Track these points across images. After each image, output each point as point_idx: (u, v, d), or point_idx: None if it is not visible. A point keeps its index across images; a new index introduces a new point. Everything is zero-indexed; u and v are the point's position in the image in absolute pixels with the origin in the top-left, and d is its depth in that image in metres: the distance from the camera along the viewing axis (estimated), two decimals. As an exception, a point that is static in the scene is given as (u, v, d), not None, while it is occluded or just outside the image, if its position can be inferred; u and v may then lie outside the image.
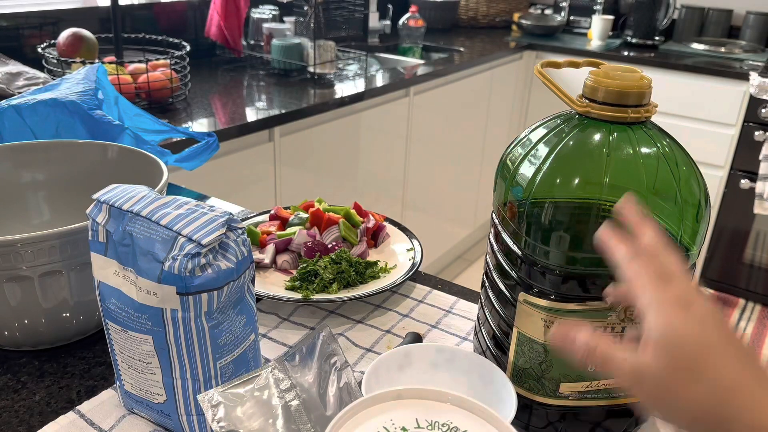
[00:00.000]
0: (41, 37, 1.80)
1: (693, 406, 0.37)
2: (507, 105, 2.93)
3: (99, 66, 0.96)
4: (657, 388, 0.37)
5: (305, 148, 1.84)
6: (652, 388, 0.38)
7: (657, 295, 0.39)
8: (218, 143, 0.98)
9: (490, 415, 0.44)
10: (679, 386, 0.37)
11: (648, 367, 0.38)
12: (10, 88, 1.22)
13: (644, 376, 0.38)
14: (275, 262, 0.84)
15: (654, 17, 2.87)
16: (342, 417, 0.43)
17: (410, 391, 0.46)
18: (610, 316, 0.52)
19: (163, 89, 1.64)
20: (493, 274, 0.60)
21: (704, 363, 0.36)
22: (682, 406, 0.37)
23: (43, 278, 0.62)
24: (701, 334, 0.37)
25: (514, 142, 0.58)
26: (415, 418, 0.44)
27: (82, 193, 0.79)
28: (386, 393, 0.45)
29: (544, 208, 0.52)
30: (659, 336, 0.38)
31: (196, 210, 0.52)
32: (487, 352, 0.62)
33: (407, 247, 0.89)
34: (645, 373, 0.38)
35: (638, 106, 0.52)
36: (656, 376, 0.37)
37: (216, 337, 0.52)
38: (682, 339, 0.37)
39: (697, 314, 0.38)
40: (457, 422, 0.44)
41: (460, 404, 0.45)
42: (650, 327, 0.38)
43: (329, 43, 2.09)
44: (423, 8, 3.00)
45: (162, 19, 2.11)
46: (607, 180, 0.51)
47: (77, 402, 0.62)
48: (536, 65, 0.58)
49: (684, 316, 0.38)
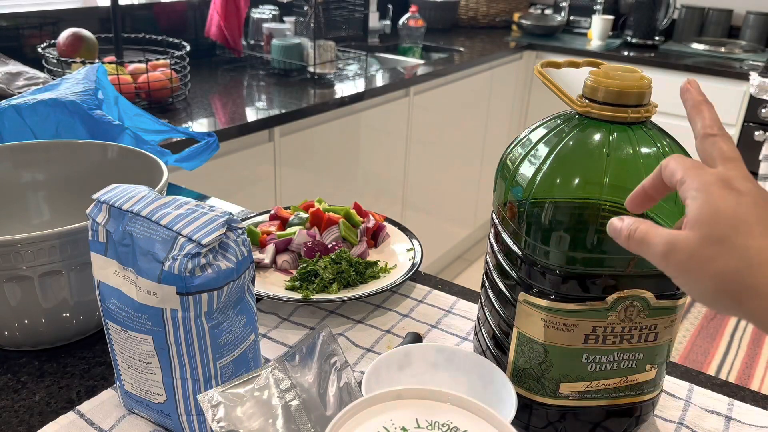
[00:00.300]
0: (41, 37, 1.80)
1: (718, 277, 0.37)
2: (507, 105, 2.93)
3: (99, 66, 0.96)
4: (688, 258, 0.39)
5: (305, 148, 1.84)
6: (683, 259, 0.39)
7: (701, 177, 0.40)
8: (218, 143, 0.98)
9: (490, 415, 0.44)
10: (709, 257, 0.38)
11: (682, 238, 0.39)
12: (10, 88, 1.22)
13: (677, 247, 0.39)
14: (275, 262, 0.84)
15: (654, 17, 2.87)
16: (342, 417, 0.43)
17: (410, 391, 0.46)
18: (610, 316, 0.52)
19: (163, 89, 1.64)
20: (493, 274, 0.60)
21: (735, 236, 0.37)
22: (708, 277, 0.38)
23: (43, 278, 0.62)
24: (736, 209, 0.38)
25: (514, 142, 0.58)
26: (415, 418, 0.44)
27: (82, 193, 0.79)
28: (386, 393, 0.45)
29: (544, 208, 0.52)
30: (697, 211, 0.39)
31: (196, 210, 0.52)
32: (487, 352, 0.62)
33: (407, 247, 0.89)
34: (678, 243, 0.39)
35: (638, 106, 0.52)
36: (689, 246, 0.39)
37: (216, 337, 0.52)
38: (717, 214, 0.38)
39: (737, 192, 0.39)
40: (457, 422, 0.44)
41: (460, 404, 0.45)
42: (689, 205, 0.40)
43: (329, 43, 2.09)
44: (423, 8, 3.01)
45: (162, 19, 2.11)
46: (607, 180, 0.51)
47: (77, 402, 0.62)
48: (536, 65, 0.58)
49: (723, 193, 0.39)
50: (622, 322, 0.53)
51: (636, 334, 0.54)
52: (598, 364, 0.55)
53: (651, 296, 0.52)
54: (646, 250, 0.41)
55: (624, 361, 0.55)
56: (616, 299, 0.52)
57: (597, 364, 0.55)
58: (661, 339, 0.55)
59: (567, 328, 0.53)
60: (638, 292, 0.52)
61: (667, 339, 0.55)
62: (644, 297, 0.52)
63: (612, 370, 0.55)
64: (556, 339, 0.54)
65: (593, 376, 0.55)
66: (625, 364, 0.55)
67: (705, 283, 0.38)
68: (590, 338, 0.53)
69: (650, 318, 0.53)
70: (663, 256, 0.40)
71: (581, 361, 0.54)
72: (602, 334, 0.53)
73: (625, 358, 0.55)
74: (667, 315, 0.54)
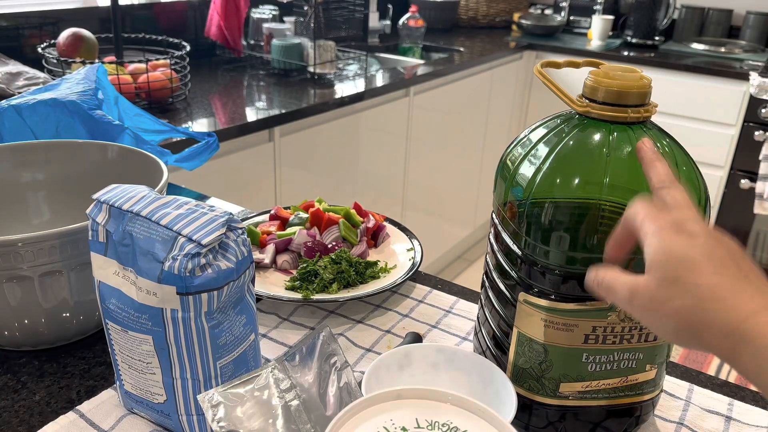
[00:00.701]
0: (41, 37, 1.80)
1: (676, 315, 0.40)
2: (507, 105, 2.93)
3: (99, 66, 0.96)
4: (648, 301, 0.42)
5: (305, 148, 1.84)
6: (644, 302, 0.42)
7: (656, 222, 0.43)
8: (218, 143, 0.98)
9: (491, 415, 0.44)
10: (666, 298, 0.41)
11: (642, 283, 0.42)
12: (10, 88, 1.22)
13: (638, 292, 0.42)
14: (275, 262, 0.84)
15: (654, 17, 2.87)
16: (342, 417, 0.43)
17: (410, 391, 0.46)
18: (610, 316, 0.52)
19: (163, 89, 1.64)
20: (493, 274, 0.60)
21: (686, 276, 0.40)
22: (667, 316, 0.41)
23: (43, 278, 0.62)
24: (687, 251, 0.41)
25: (514, 142, 0.58)
26: (415, 418, 0.44)
27: (82, 193, 0.79)
28: (386, 393, 0.45)
29: (544, 208, 0.52)
30: (652, 254, 0.42)
31: (196, 210, 0.52)
32: (487, 352, 0.62)
33: (407, 247, 0.89)
34: (639, 288, 0.42)
35: (638, 106, 0.52)
36: (648, 290, 0.42)
37: (216, 337, 0.52)
38: (670, 256, 0.41)
39: (687, 234, 0.42)
40: (457, 422, 0.44)
41: (460, 404, 0.45)
42: (646, 250, 0.43)
43: (329, 43, 2.09)
44: (423, 8, 3.00)
45: (162, 19, 2.11)
46: (607, 180, 0.51)
47: (77, 402, 0.62)
48: (536, 65, 0.58)
49: (675, 237, 0.42)
50: (622, 321, 0.53)
51: (636, 333, 0.54)
52: (598, 364, 0.55)
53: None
54: (613, 296, 0.45)
55: (624, 361, 0.55)
56: (616, 299, 0.52)
57: (597, 364, 0.55)
58: (661, 339, 0.55)
59: (567, 328, 0.53)
60: (638, 292, 0.52)
61: (667, 339, 0.55)
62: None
63: (612, 370, 0.55)
64: (556, 339, 0.54)
65: (593, 376, 0.55)
66: (625, 364, 0.55)
67: (666, 321, 0.41)
68: (590, 338, 0.53)
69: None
70: (627, 301, 0.43)
71: (581, 361, 0.54)
72: (602, 334, 0.53)
73: (625, 358, 0.55)
74: (667, 315, 0.54)
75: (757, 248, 2.61)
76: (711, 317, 0.39)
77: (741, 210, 2.56)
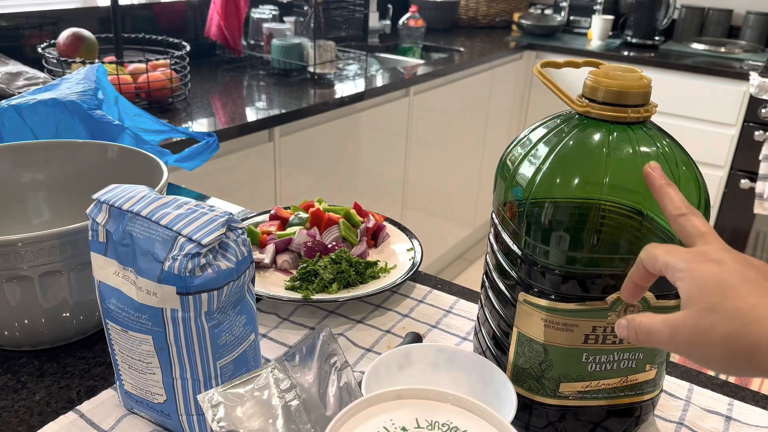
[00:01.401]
0: (41, 37, 1.80)
1: (723, 344, 0.40)
2: (507, 105, 2.93)
3: (99, 66, 0.96)
4: (691, 334, 0.41)
5: (305, 148, 1.84)
6: (687, 337, 0.41)
7: (681, 257, 0.43)
8: (218, 143, 0.98)
9: (491, 415, 0.44)
10: (708, 327, 0.40)
11: (681, 318, 0.42)
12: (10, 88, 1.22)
13: (678, 329, 0.42)
14: (275, 262, 0.84)
15: (654, 17, 2.87)
16: (342, 417, 0.43)
17: (410, 391, 0.46)
18: (610, 316, 0.52)
19: (163, 89, 1.64)
20: (493, 274, 0.60)
21: (724, 301, 0.40)
22: (714, 345, 0.40)
23: (43, 278, 0.62)
24: (719, 277, 0.41)
25: (514, 142, 0.58)
26: (415, 418, 0.44)
27: (82, 193, 0.79)
28: (386, 393, 0.45)
29: (544, 208, 0.52)
30: (686, 289, 0.42)
31: (196, 210, 0.52)
32: (487, 352, 0.62)
33: (407, 247, 0.89)
34: (678, 324, 0.42)
35: (638, 106, 0.52)
36: (687, 324, 0.41)
37: (216, 337, 0.52)
38: (704, 286, 0.41)
39: (716, 262, 0.42)
40: (457, 422, 0.44)
41: (460, 404, 0.45)
42: (679, 287, 0.43)
43: (329, 43, 2.09)
44: (423, 8, 3.00)
45: (162, 19, 2.11)
46: (606, 180, 0.51)
47: (77, 402, 0.62)
48: (536, 65, 0.58)
49: (704, 267, 0.42)
50: (622, 322, 0.53)
51: (636, 334, 0.54)
52: (598, 364, 0.55)
53: (651, 296, 0.52)
54: (654, 338, 0.44)
55: (624, 360, 0.55)
56: (616, 299, 0.52)
57: (597, 363, 0.55)
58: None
59: (567, 328, 0.53)
60: (638, 292, 0.52)
61: (667, 339, 0.55)
62: (644, 297, 0.52)
63: (612, 369, 0.55)
64: (556, 339, 0.54)
65: (593, 376, 0.55)
66: (625, 363, 0.55)
67: (714, 351, 0.40)
68: (590, 338, 0.53)
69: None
70: (670, 339, 0.43)
71: (581, 360, 0.54)
72: (602, 333, 0.53)
73: (625, 357, 0.55)
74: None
75: (757, 248, 2.61)
76: (758, 337, 0.38)
77: (741, 210, 2.56)
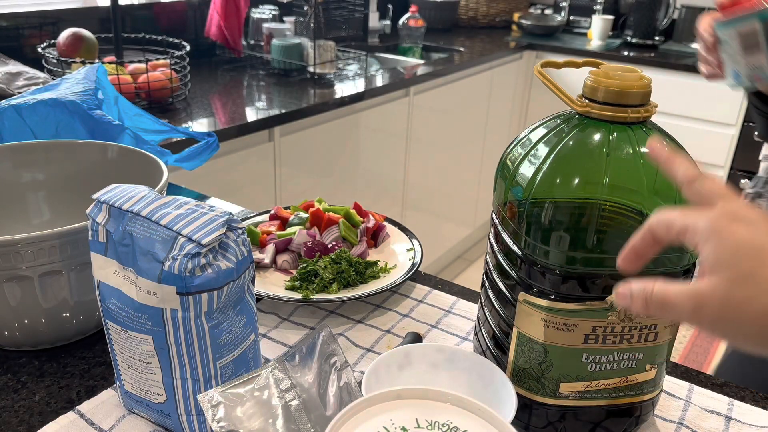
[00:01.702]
0: (41, 37, 1.80)
1: (760, 318, 0.34)
2: (507, 105, 2.93)
3: (99, 66, 0.96)
4: (721, 307, 0.36)
5: (305, 148, 1.84)
6: (714, 311, 0.36)
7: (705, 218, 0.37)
8: (218, 143, 0.98)
9: (490, 414, 0.44)
10: (743, 299, 0.35)
11: (708, 288, 0.36)
12: (10, 88, 1.22)
13: (704, 300, 0.36)
14: (275, 262, 0.84)
15: (654, 17, 2.87)
16: (342, 417, 0.43)
17: (410, 391, 0.46)
18: (610, 316, 0.52)
19: (163, 89, 1.64)
20: (493, 274, 0.60)
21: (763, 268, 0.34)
22: (748, 320, 0.35)
23: (43, 278, 0.62)
24: (755, 240, 0.35)
25: (514, 142, 0.58)
26: (415, 417, 0.44)
27: (82, 193, 0.79)
28: (386, 393, 0.45)
29: (544, 208, 0.52)
30: (713, 253, 0.36)
31: (196, 210, 0.52)
32: (487, 352, 0.62)
33: (407, 246, 0.89)
34: (705, 295, 0.36)
35: (638, 106, 0.52)
36: (716, 295, 0.36)
37: (216, 337, 0.52)
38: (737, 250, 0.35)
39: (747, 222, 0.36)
40: (457, 422, 0.44)
41: (460, 404, 0.45)
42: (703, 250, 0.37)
43: (329, 43, 2.09)
44: (423, 8, 3.00)
45: (162, 19, 2.11)
46: (606, 180, 0.51)
47: (77, 402, 0.62)
48: (536, 65, 0.58)
49: (734, 227, 0.36)
50: (622, 321, 0.53)
51: (636, 333, 0.54)
52: (598, 364, 0.55)
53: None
54: (671, 311, 0.38)
55: (624, 360, 0.55)
56: (616, 299, 0.52)
57: (597, 363, 0.55)
58: (661, 339, 0.55)
59: (567, 328, 0.53)
60: (638, 292, 0.52)
61: (667, 339, 0.55)
62: (644, 297, 0.52)
63: (612, 369, 0.55)
64: (556, 339, 0.54)
65: (593, 376, 0.55)
66: (625, 363, 0.55)
67: (747, 327, 0.35)
68: (590, 338, 0.53)
69: (650, 318, 0.53)
70: (693, 313, 0.37)
71: (581, 361, 0.54)
72: (602, 333, 0.53)
73: (625, 357, 0.55)
74: (667, 315, 0.54)
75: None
76: None
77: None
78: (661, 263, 0.51)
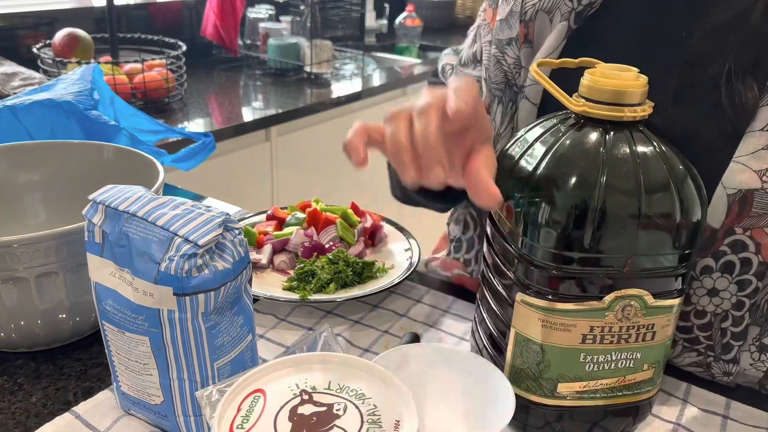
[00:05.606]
0: (37, 37, 1.80)
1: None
2: (504, 104, 2.93)
3: (95, 66, 0.96)
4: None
5: (302, 147, 1.84)
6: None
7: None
8: (215, 143, 0.98)
9: (404, 391, 0.45)
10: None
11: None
12: (5, 88, 1.22)
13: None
14: (272, 262, 0.84)
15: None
16: (264, 369, 0.45)
17: (335, 356, 0.48)
18: (608, 316, 0.52)
19: (159, 89, 1.64)
20: (490, 274, 0.60)
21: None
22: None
23: (39, 279, 0.62)
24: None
25: (510, 142, 0.58)
26: (329, 380, 0.46)
27: (78, 194, 0.79)
28: (312, 356, 0.48)
29: (540, 208, 0.52)
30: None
31: (192, 210, 0.52)
32: (485, 352, 0.62)
33: (405, 246, 0.89)
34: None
35: (635, 105, 0.52)
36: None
37: (213, 338, 0.52)
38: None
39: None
40: (365, 390, 0.46)
41: (379, 375, 0.47)
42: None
43: (326, 43, 2.09)
44: (419, 7, 3.00)
45: (158, 18, 2.11)
46: (603, 179, 0.51)
47: (74, 403, 0.61)
48: (532, 65, 0.58)
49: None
50: (619, 321, 0.53)
51: (633, 333, 0.54)
52: (595, 364, 0.55)
53: (648, 295, 0.52)
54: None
55: (622, 360, 0.55)
56: (613, 299, 0.52)
57: (595, 363, 0.55)
58: (658, 338, 0.55)
59: (564, 328, 0.53)
60: (635, 291, 0.52)
61: (664, 338, 0.55)
62: (641, 296, 0.52)
63: (610, 369, 0.55)
64: (553, 339, 0.54)
65: (591, 376, 0.55)
66: (623, 363, 0.55)
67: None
68: (588, 338, 0.53)
69: (648, 317, 0.53)
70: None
71: (579, 361, 0.54)
72: (600, 333, 0.53)
73: (623, 357, 0.55)
74: (665, 314, 0.54)
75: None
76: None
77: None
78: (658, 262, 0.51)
